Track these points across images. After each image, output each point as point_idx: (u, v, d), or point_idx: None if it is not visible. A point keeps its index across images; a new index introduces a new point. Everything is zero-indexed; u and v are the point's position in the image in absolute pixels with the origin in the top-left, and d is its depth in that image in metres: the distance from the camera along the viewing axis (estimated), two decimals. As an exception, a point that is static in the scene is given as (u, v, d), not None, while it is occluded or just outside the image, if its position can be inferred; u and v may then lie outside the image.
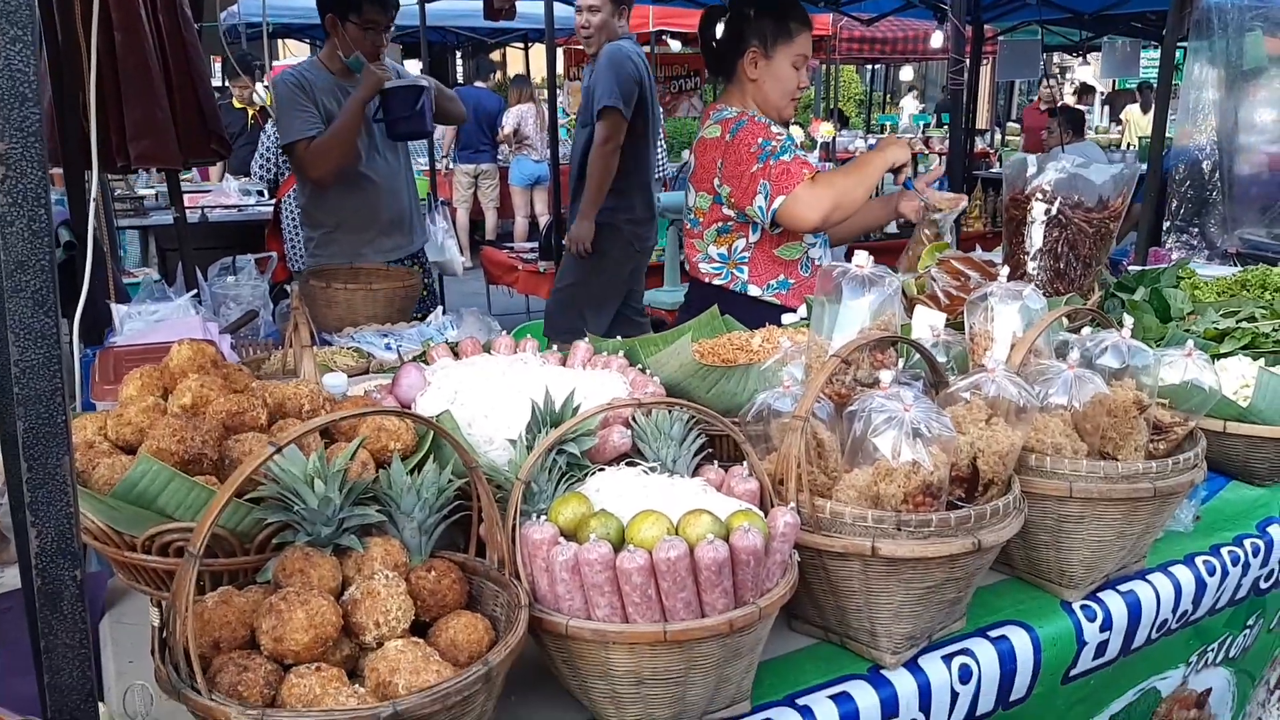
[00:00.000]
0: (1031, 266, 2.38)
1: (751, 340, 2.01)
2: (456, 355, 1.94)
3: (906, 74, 21.21)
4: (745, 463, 1.54)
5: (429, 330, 2.84)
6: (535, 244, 7.79)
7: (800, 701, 1.49)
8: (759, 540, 1.30)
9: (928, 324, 1.93)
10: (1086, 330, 1.86)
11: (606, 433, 1.59)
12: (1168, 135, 6.43)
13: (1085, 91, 18.99)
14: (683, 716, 1.39)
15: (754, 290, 2.94)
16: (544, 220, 11.39)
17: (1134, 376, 1.73)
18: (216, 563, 1.36)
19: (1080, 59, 17.18)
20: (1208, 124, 6.39)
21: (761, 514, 1.41)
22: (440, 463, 1.48)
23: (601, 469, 1.53)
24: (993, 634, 1.66)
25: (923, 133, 14.76)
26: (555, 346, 1.95)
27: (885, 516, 1.45)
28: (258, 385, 1.59)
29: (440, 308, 3.21)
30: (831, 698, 1.51)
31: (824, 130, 12.25)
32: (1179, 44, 6.34)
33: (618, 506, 1.41)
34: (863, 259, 1.69)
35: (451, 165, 11.87)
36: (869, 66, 21.24)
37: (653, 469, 1.53)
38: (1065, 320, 2.23)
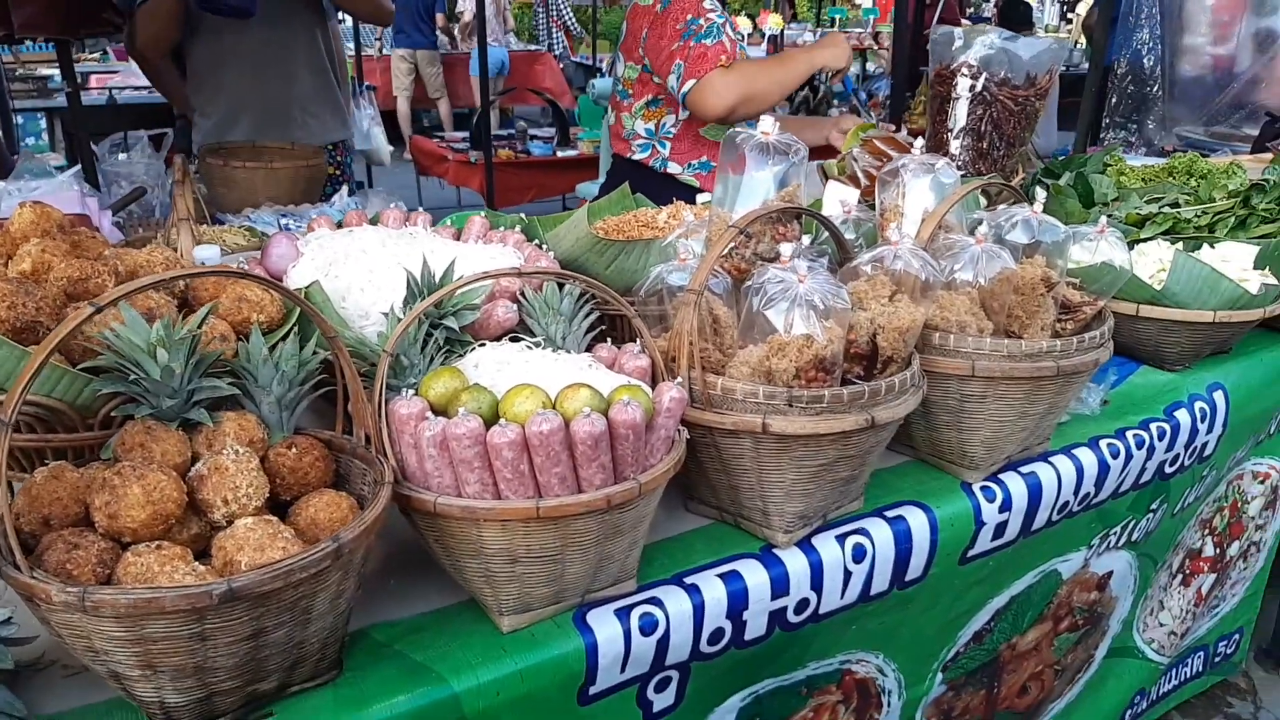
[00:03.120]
0: (955, 145, 2.30)
1: (657, 217, 1.92)
2: (344, 229, 1.82)
3: (859, -34, 20.67)
4: (639, 340, 1.47)
5: (332, 211, 2.69)
6: (466, 134, 7.54)
7: (688, 580, 1.46)
8: (638, 414, 1.24)
9: (839, 199, 1.85)
10: (1002, 208, 1.79)
11: (490, 307, 1.50)
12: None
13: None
14: (563, 595, 1.35)
15: (673, 168, 2.84)
16: (496, 113, 11.05)
17: (1045, 254, 1.68)
18: (56, 438, 1.26)
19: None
20: (1152, 19, 6.30)
21: (648, 389, 1.34)
22: (307, 336, 1.39)
23: (483, 344, 1.44)
24: (889, 514, 1.63)
25: (873, 27, 14.47)
26: (450, 221, 1.84)
27: (777, 392, 1.39)
28: (110, 252, 1.47)
29: (345, 188, 3.04)
30: (720, 576, 1.47)
31: (772, 22, 11.91)
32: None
33: (495, 382, 1.33)
34: (768, 125, 1.59)
35: (388, 49, 11.36)
36: (821, -44, 20.62)
37: (537, 344, 1.44)
38: (985, 200, 2.17)
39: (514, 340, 1.47)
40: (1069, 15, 17.07)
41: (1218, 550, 2.59)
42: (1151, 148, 6.05)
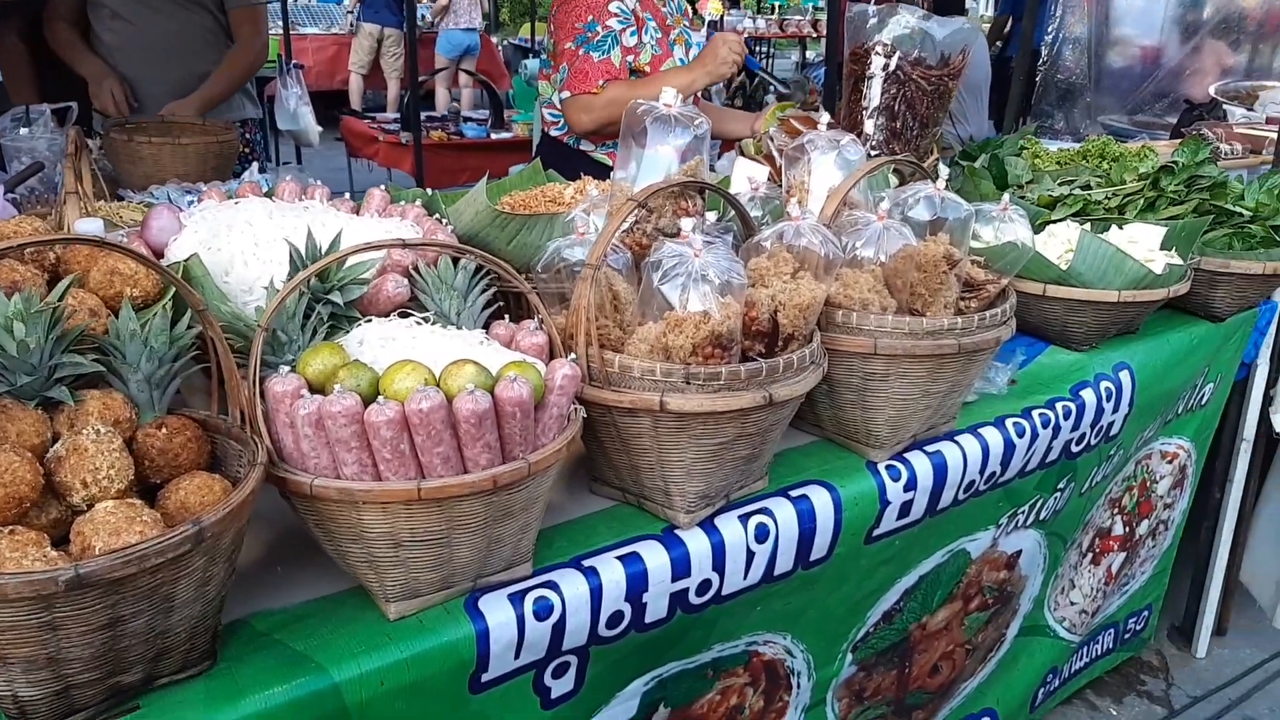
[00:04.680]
0: (870, 126, 2.30)
1: (564, 192, 1.88)
2: (238, 204, 1.75)
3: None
4: (536, 316, 1.43)
5: (233, 186, 2.60)
6: (397, 114, 7.40)
7: (586, 563, 1.43)
8: (525, 391, 1.20)
9: (747, 176, 1.83)
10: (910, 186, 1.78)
11: (380, 282, 1.45)
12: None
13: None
14: (453, 580, 1.31)
15: (586, 145, 2.80)
16: (466, 94, 10.84)
17: (949, 232, 1.67)
18: (-92, 420, 1.19)
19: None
20: (1078, 8, 6.38)
21: (541, 366, 1.31)
22: (185, 312, 1.33)
23: (370, 320, 1.39)
24: (793, 494, 1.62)
25: (812, 14, 14.54)
26: (349, 195, 1.78)
27: (674, 370, 1.37)
28: (-25, 225, 1.39)
29: (255, 165, 2.95)
30: (619, 558, 1.44)
31: (712, 7, 11.84)
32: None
33: (379, 358, 1.29)
34: (670, 97, 1.56)
35: (357, 22, 11.11)
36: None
37: (426, 319, 1.40)
38: (898, 180, 2.17)
39: (404, 316, 1.43)
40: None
41: (1127, 529, 2.63)
42: (1077, 135, 6.15)
